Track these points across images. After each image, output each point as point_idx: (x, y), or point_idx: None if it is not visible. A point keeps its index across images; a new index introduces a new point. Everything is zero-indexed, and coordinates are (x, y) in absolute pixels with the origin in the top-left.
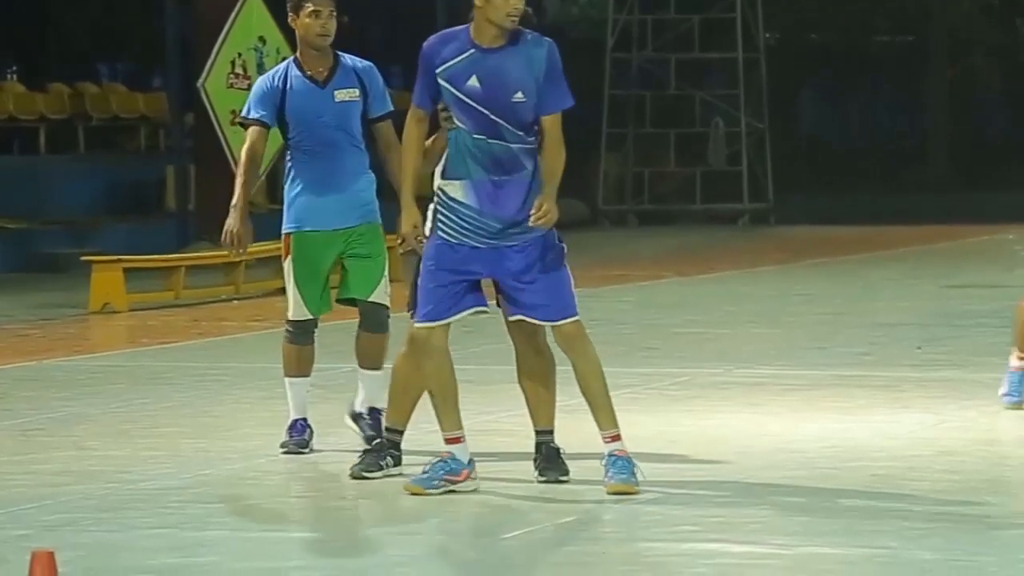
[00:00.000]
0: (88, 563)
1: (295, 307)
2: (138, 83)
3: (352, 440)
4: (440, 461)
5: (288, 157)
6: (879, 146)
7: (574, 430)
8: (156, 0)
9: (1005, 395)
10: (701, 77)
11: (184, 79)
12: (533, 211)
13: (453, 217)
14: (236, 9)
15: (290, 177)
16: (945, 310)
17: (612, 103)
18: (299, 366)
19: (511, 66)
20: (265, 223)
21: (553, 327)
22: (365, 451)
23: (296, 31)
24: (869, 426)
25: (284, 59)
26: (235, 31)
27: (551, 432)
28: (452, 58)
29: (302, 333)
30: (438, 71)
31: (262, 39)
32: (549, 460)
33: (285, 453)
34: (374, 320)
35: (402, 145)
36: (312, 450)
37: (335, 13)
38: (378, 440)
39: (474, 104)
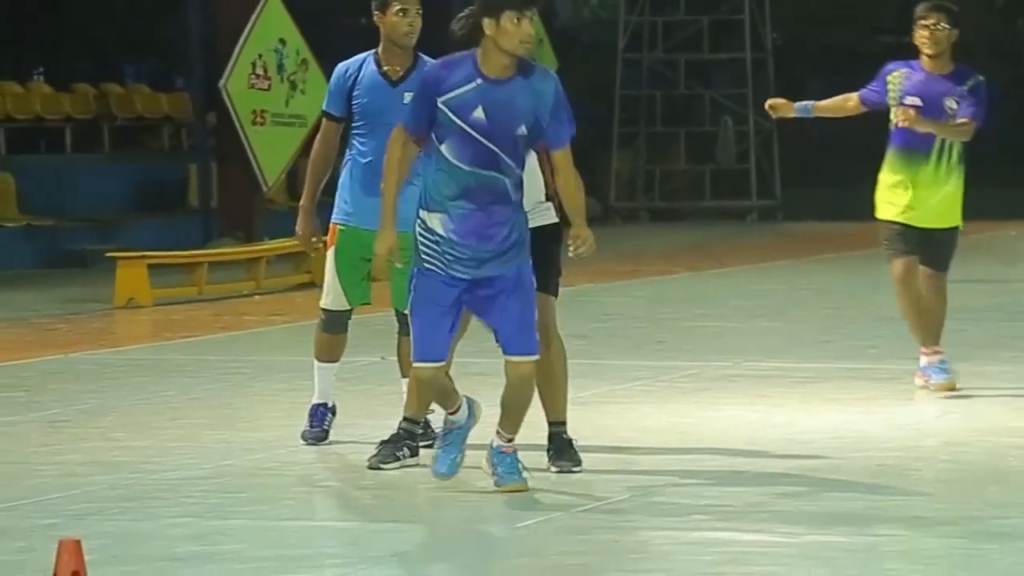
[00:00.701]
0: (114, 551)
1: (333, 297)
2: (162, 84)
3: (370, 431)
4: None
5: (348, 147)
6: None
7: (586, 422)
8: (178, 1)
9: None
10: (710, 77)
11: (206, 80)
12: (572, 243)
13: (437, 249)
14: (256, 11)
15: (347, 168)
16: (950, 304)
17: (623, 103)
18: (330, 352)
19: (519, 99)
20: (285, 220)
21: (510, 361)
22: (382, 442)
23: (381, 28)
24: (875, 417)
25: (303, 61)
26: (255, 33)
27: (563, 423)
28: (457, 87)
29: (335, 322)
30: (441, 99)
31: (282, 40)
32: (562, 451)
33: (307, 443)
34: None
35: (385, 166)
36: (327, 433)
37: (421, 11)
38: (394, 431)
39: (477, 136)
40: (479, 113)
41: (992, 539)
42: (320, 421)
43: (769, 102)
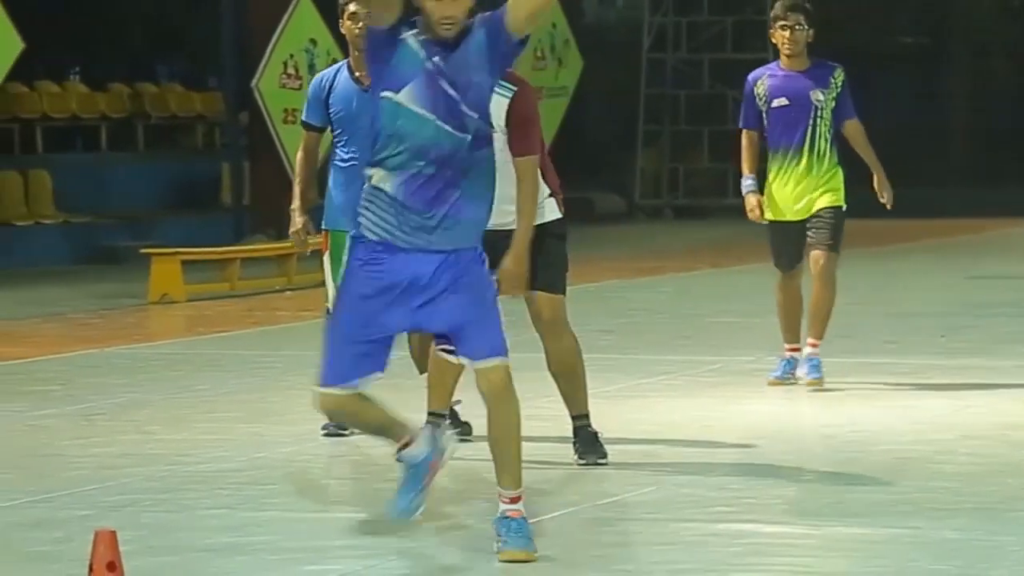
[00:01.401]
0: (148, 542)
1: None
2: (195, 83)
3: None
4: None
5: (331, 154)
6: (902, 141)
7: (612, 415)
8: (212, 2)
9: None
10: (733, 76)
11: (239, 80)
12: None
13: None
14: (288, 12)
15: (331, 175)
16: (967, 300)
17: (648, 102)
18: None
19: None
20: (316, 216)
21: (478, 370)
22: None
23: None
24: (894, 411)
25: (334, 61)
26: (287, 33)
27: (587, 416)
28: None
29: None
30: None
31: (313, 41)
32: (587, 443)
33: (326, 435)
34: None
35: None
36: (353, 432)
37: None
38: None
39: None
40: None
41: (1011, 531)
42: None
43: (755, 214)
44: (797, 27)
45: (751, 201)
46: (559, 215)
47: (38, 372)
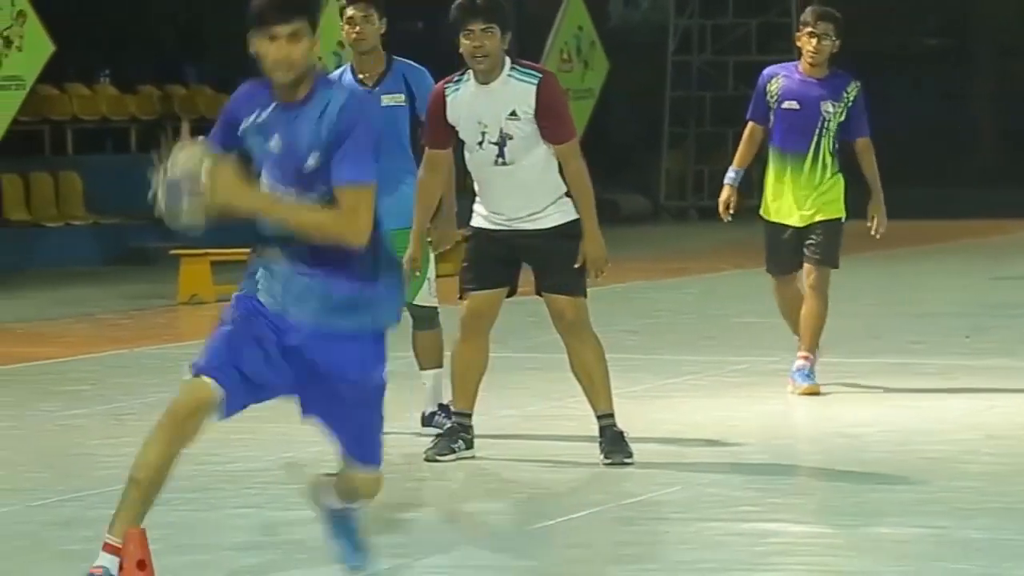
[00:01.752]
0: (177, 540)
1: None
2: (224, 85)
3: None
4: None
5: None
6: (929, 143)
7: (637, 415)
8: (239, 3)
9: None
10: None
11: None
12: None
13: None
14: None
15: None
16: (993, 301)
17: (673, 104)
18: None
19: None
20: None
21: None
22: (438, 435)
23: None
24: (920, 411)
25: None
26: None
27: (611, 415)
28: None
29: None
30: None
31: (341, 44)
32: (613, 443)
33: None
34: (424, 320)
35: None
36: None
37: (371, 17)
38: (449, 425)
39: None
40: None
41: None
42: None
43: (721, 208)
44: (825, 37)
45: (724, 194)
46: (575, 216)
47: (69, 372)
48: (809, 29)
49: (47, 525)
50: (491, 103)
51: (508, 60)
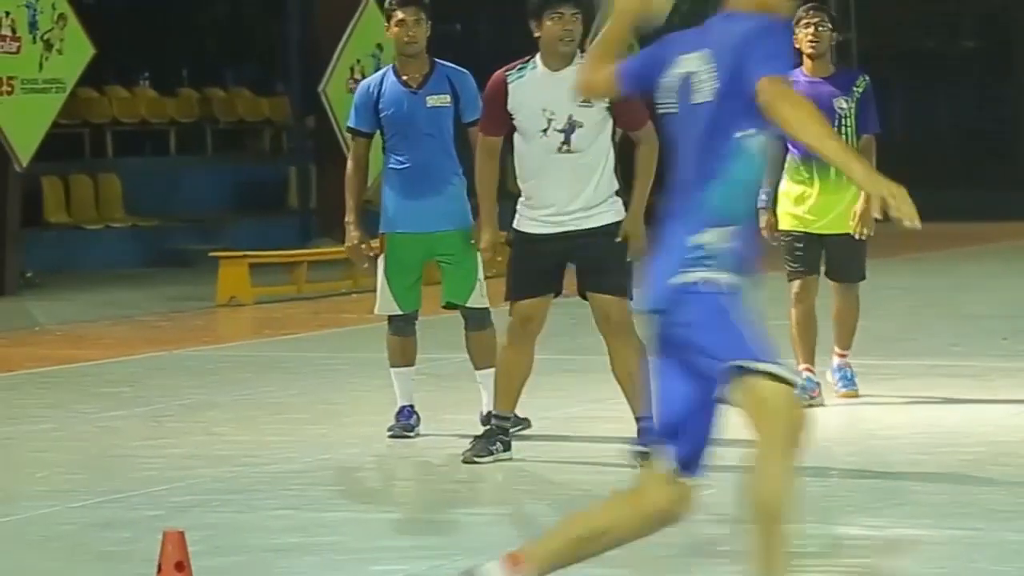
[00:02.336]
0: (216, 542)
1: (382, 302)
2: (262, 88)
3: (462, 426)
4: None
5: (385, 158)
6: (968, 146)
7: None
8: (278, 6)
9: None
10: None
11: (305, 84)
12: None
13: None
14: (355, 16)
15: (385, 179)
16: (1011, 303)
17: None
18: (402, 356)
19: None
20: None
21: None
22: (476, 437)
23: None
24: (957, 413)
25: None
26: (354, 38)
27: (651, 417)
28: None
29: (403, 325)
30: None
31: (380, 46)
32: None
33: (392, 436)
34: (476, 322)
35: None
36: (418, 434)
37: (422, 20)
38: (488, 427)
39: None
40: None
41: None
42: (407, 417)
43: (767, 234)
44: (821, 25)
45: (764, 219)
46: (622, 217)
47: (108, 374)
48: (804, 20)
49: (87, 526)
50: (562, 90)
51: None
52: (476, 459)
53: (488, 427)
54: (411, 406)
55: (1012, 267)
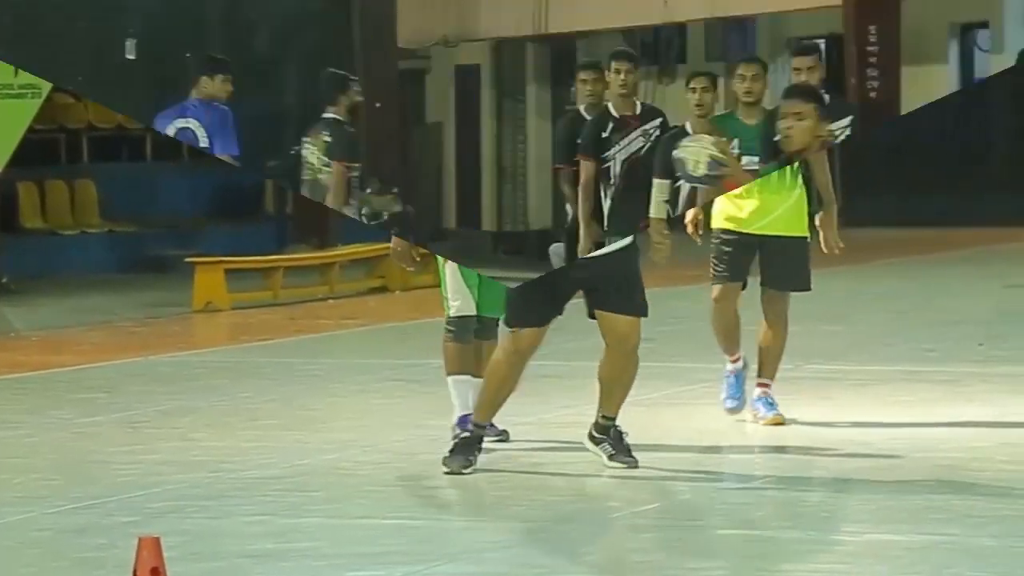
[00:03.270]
0: (192, 548)
1: (464, 303)
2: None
3: (440, 432)
4: None
5: None
6: (945, 150)
7: (653, 423)
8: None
9: (726, 399)
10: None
11: None
12: None
13: None
14: None
15: None
16: (1007, 308)
17: None
18: (461, 364)
19: None
20: (357, 226)
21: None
22: (455, 446)
23: None
24: (933, 419)
25: None
26: None
27: (615, 418)
28: None
29: (464, 330)
30: None
31: None
32: (618, 444)
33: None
34: (491, 330)
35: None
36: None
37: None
38: (466, 435)
39: None
40: None
41: None
42: (463, 424)
43: (689, 227)
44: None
45: (688, 214)
46: (632, 238)
47: (84, 380)
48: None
49: (61, 532)
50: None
51: None
52: (462, 471)
53: (467, 435)
54: (469, 415)
55: (988, 272)
